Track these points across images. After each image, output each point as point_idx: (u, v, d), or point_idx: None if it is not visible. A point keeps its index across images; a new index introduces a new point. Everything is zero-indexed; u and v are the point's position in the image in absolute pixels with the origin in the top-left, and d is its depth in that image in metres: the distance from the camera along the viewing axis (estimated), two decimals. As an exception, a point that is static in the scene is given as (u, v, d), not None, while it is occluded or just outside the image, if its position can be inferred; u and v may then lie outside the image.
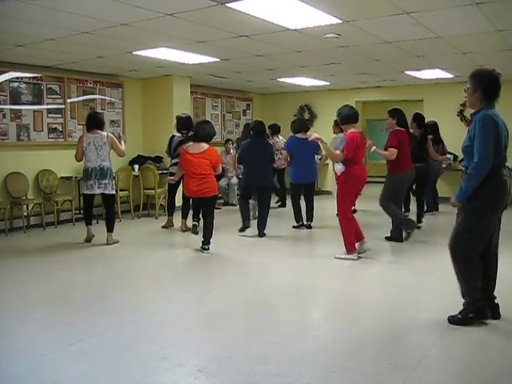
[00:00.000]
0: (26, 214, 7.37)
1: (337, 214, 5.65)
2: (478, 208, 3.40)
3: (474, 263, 3.51)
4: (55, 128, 7.95)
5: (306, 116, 11.68)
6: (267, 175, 6.92)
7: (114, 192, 6.48)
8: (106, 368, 2.93)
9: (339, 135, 5.70)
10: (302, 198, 7.41)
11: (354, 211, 8.83)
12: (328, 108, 11.07)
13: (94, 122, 6.36)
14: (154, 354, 3.10)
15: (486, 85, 3.46)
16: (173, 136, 7.36)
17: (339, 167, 5.39)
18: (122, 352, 3.16)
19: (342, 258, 5.46)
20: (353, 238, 5.48)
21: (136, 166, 8.63)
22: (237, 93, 11.59)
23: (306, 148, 7.08)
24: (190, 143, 6.06)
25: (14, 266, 5.36)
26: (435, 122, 8.11)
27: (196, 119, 10.42)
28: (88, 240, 6.49)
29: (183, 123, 7.26)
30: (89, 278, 5.12)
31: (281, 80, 9.72)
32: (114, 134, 6.55)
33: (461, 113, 9.92)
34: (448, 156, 9.34)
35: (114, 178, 6.63)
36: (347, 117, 5.53)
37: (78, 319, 3.75)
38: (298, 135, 7.25)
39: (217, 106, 11.15)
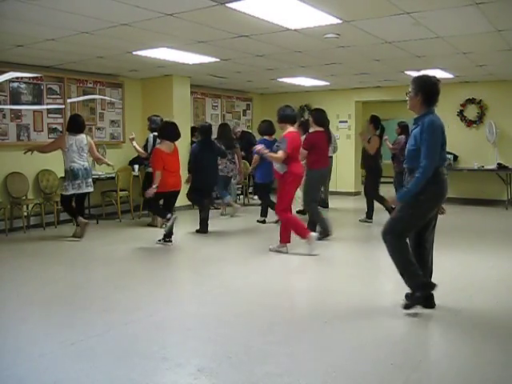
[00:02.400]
0: (25, 214, 7.37)
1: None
2: (422, 202, 3.62)
3: (405, 248, 3.74)
4: (55, 128, 7.95)
5: (307, 116, 11.68)
6: (217, 177, 7.51)
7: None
8: (105, 368, 2.93)
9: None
10: None
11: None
12: (328, 108, 10.98)
13: (78, 126, 6.58)
14: (154, 354, 3.10)
15: (426, 89, 3.70)
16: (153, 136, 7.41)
17: (279, 165, 5.63)
18: (122, 352, 3.16)
19: (275, 250, 5.79)
20: (290, 231, 5.79)
21: (136, 166, 8.62)
22: (237, 93, 11.59)
23: (272, 149, 7.24)
24: (164, 143, 6.27)
25: (14, 266, 5.36)
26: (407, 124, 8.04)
27: (196, 119, 10.48)
28: (79, 236, 6.62)
29: (158, 124, 7.26)
30: (89, 278, 5.11)
31: (281, 80, 9.72)
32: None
33: (461, 113, 9.95)
34: (448, 156, 9.35)
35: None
36: (288, 117, 5.82)
37: (78, 319, 3.75)
38: (267, 137, 7.46)
39: (217, 105, 11.15)
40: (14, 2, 4.33)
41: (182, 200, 9.25)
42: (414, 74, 8.59)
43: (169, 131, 6.29)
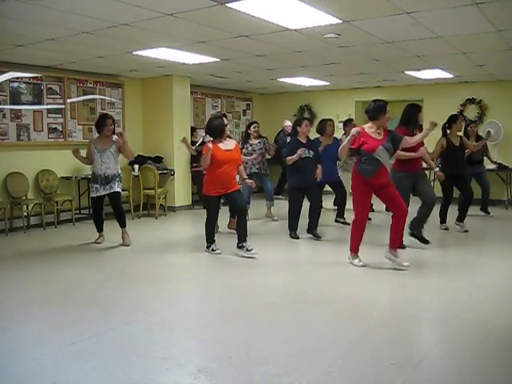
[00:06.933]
0: (25, 214, 7.36)
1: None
2: None
3: None
4: (55, 128, 7.95)
5: (306, 116, 11.69)
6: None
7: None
8: (106, 368, 2.94)
9: None
10: None
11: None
12: (328, 108, 11.08)
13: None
14: (154, 354, 3.10)
15: None
16: None
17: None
18: (122, 352, 3.16)
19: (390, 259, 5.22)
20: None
21: (136, 166, 8.62)
22: (237, 93, 11.59)
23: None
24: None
25: (14, 266, 5.36)
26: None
27: (196, 119, 10.48)
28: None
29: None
30: (89, 278, 5.11)
31: (281, 80, 9.72)
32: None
33: (461, 113, 9.93)
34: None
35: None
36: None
37: (78, 319, 3.75)
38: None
39: (217, 106, 11.15)
40: (14, 2, 4.33)
41: (181, 200, 9.31)
42: (414, 73, 8.71)
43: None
